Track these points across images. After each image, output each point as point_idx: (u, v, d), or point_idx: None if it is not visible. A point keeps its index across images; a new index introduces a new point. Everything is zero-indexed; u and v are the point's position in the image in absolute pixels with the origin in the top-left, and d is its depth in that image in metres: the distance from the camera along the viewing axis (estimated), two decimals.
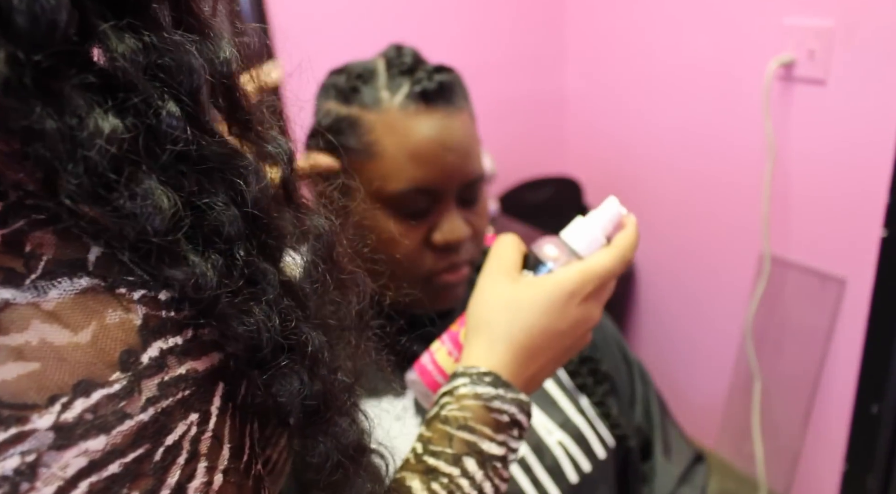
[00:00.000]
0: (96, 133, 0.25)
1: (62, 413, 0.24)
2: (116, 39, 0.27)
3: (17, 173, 0.26)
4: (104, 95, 0.26)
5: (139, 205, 0.26)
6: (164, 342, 0.27)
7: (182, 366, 0.27)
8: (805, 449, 1.56)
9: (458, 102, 0.64)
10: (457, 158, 0.62)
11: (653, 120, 1.76)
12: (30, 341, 0.24)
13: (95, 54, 0.27)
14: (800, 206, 1.45)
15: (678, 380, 1.88)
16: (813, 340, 1.48)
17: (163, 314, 0.27)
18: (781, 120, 1.42)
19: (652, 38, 1.70)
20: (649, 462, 0.80)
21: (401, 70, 0.63)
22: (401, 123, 0.61)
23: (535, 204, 1.97)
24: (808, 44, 1.33)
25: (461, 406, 0.45)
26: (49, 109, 0.24)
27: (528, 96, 1.96)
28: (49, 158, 0.25)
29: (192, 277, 0.28)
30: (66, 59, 0.25)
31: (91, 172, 0.25)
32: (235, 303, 0.29)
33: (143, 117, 0.27)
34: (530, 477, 0.67)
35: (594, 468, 0.71)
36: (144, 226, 0.26)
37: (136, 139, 0.27)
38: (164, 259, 0.28)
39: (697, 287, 1.77)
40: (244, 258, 0.30)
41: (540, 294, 0.48)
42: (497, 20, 1.85)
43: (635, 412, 0.81)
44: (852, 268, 1.37)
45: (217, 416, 0.28)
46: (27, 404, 0.23)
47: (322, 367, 0.33)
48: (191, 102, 0.29)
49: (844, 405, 1.41)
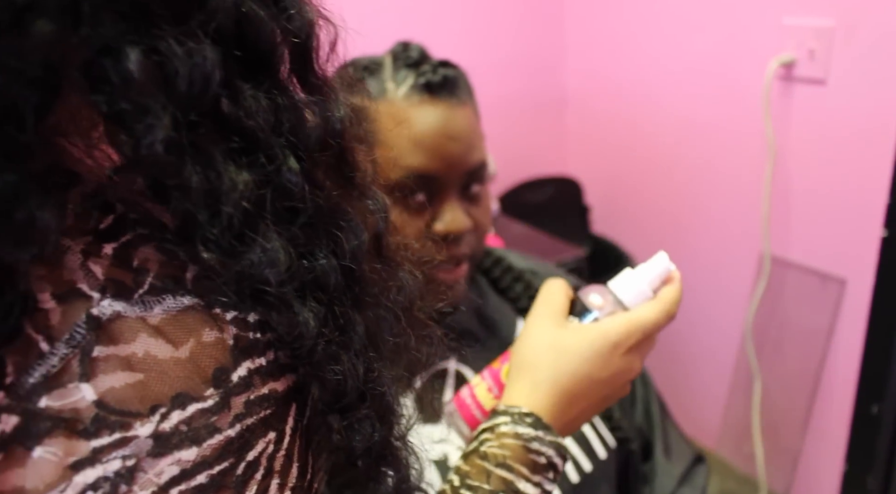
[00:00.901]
0: (233, 187, 0.27)
1: (161, 423, 0.25)
2: (253, 99, 0.28)
3: (129, 193, 0.27)
4: (237, 150, 0.28)
5: (264, 257, 0.28)
6: (252, 362, 0.28)
7: (265, 386, 0.29)
8: (805, 449, 1.56)
9: (461, 95, 0.64)
10: (459, 148, 0.62)
11: (653, 120, 1.75)
12: (136, 352, 0.25)
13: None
14: (800, 206, 1.45)
15: (678, 380, 1.88)
16: (813, 340, 1.48)
17: (251, 336, 0.29)
18: (781, 120, 1.42)
19: (652, 37, 1.70)
20: (650, 463, 0.80)
21: (406, 63, 0.64)
22: (404, 113, 0.62)
23: (535, 204, 1.97)
24: (808, 44, 1.33)
25: (501, 444, 0.45)
26: (197, 166, 0.26)
27: (528, 96, 1.96)
28: (191, 211, 0.26)
29: (297, 326, 0.29)
30: (208, 116, 0.27)
31: (229, 225, 0.27)
32: (329, 351, 0.31)
33: (267, 173, 0.28)
34: None
35: (595, 467, 0.71)
36: (265, 277, 0.28)
37: (262, 194, 0.28)
38: (273, 306, 0.29)
39: (697, 287, 1.77)
40: (339, 309, 0.31)
41: (585, 342, 0.49)
42: (497, 20, 1.85)
43: (635, 412, 0.81)
44: (852, 268, 1.37)
45: (290, 436, 0.30)
46: (131, 411, 0.25)
47: (392, 415, 0.35)
48: (307, 158, 0.30)
49: (845, 405, 1.41)
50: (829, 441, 1.49)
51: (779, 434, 1.60)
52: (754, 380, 1.60)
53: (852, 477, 1.37)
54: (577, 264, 1.57)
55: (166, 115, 0.24)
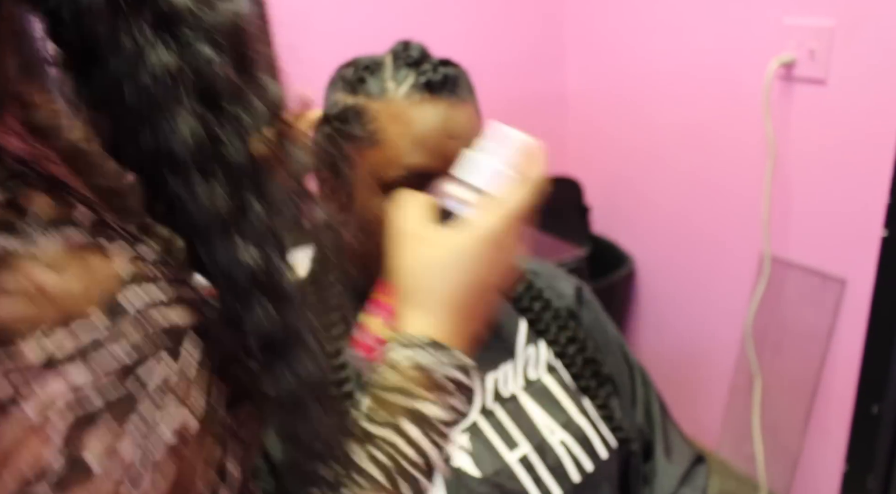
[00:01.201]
0: (158, 60, 0.30)
1: (48, 345, 0.26)
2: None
3: (18, 144, 0.30)
4: (161, 26, 0.31)
5: (175, 133, 0.31)
6: (148, 294, 0.30)
7: (163, 318, 0.30)
8: (805, 450, 1.56)
9: (462, 94, 0.64)
10: (460, 146, 0.62)
11: (653, 120, 1.75)
12: (23, 282, 0.26)
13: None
14: (800, 206, 1.45)
15: (679, 380, 1.88)
16: (813, 340, 1.48)
17: (149, 271, 0.31)
18: (782, 120, 1.42)
19: (652, 37, 1.70)
20: (650, 463, 0.80)
21: (407, 63, 0.64)
22: (405, 111, 0.62)
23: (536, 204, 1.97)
24: (808, 43, 1.33)
25: (398, 371, 0.45)
26: (129, 32, 0.30)
27: (528, 96, 1.96)
28: (116, 80, 0.30)
29: (200, 202, 0.32)
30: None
31: (148, 95, 0.30)
32: (225, 232, 0.33)
33: (186, 54, 0.31)
34: (533, 476, 0.67)
35: (596, 467, 0.71)
36: (174, 150, 0.31)
37: (180, 71, 0.31)
38: (180, 182, 0.32)
39: (698, 287, 1.77)
40: (239, 192, 0.33)
41: (463, 251, 0.47)
42: (497, 20, 1.85)
43: (636, 413, 0.81)
44: (853, 268, 1.37)
45: (191, 366, 0.31)
46: (16, 332, 0.26)
47: (290, 305, 0.36)
48: (217, 45, 0.33)
49: (845, 405, 1.41)
50: (830, 442, 1.49)
51: (779, 434, 1.60)
52: (754, 380, 1.60)
53: (852, 477, 1.37)
54: (577, 264, 1.57)
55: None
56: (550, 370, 0.75)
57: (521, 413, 0.71)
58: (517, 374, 0.74)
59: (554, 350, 0.76)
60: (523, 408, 0.72)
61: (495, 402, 0.71)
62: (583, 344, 0.78)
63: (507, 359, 0.74)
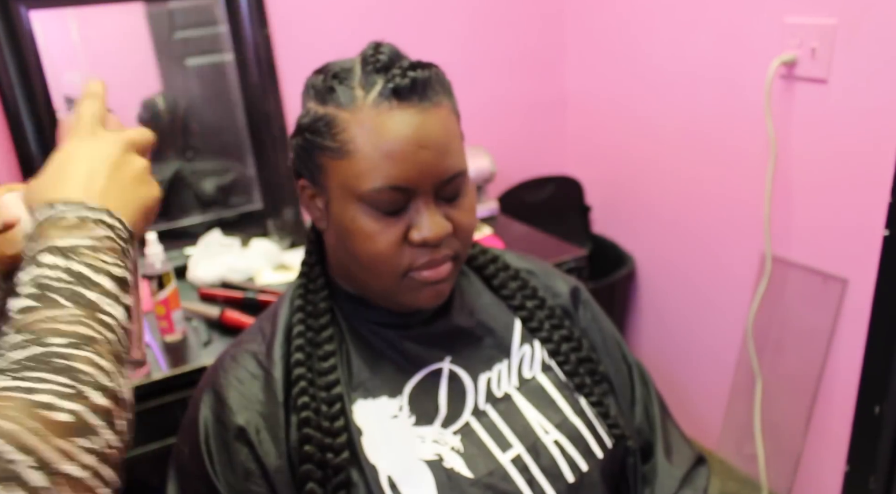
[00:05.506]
0: None
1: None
2: None
3: None
4: None
5: None
6: None
7: None
8: (807, 450, 1.56)
9: (434, 97, 0.62)
10: (431, 155, 0.61)
11: (653, 119, 1.75)
12: None
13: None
14: (801, 205, 1.44)
15: (679, 380, 1.88)
16: (815, 340, 1.48)
17: None
18: (783, 119, 1.42)
19: (652, 37, 1.69)
20: (650, 464, 0.79)
21: (376, 68, 0.62)
22: (373, 121, 0.61)
23: (535, 204, 1.97)
24: (809, 42, 1.32)
25: (34, 236, 0.45)
26: None
27: (528, 96, 1.96)
28: None
29: None
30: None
31: None
32: None
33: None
34: (526, 477, 0.67)
35: (591, 468, 0.70)
36: None
37: None
38: None
39: (699, 287, 1.77)
40: None
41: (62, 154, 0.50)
42: (497, 20, 1.85)
43: (635, 413, 0.81)
44: (854, 268, 1.37)
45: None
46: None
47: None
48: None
49: (846, 405, 1.40)
50: (831, 442, 1.49)
51: (780, 434, 1.60)
52: (755, 380, 1.60)
53: (854, 478, 1.36)
54: (577, 264, 1.57)
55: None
56: (545, 370, 0.75)
57: (515, 413, 0.71)
58: (511, 373, 0.73)
59: (548, 349, 0.76)
60: (517, 407, 0.71)
61: (487, 402, 0.71)
62: (578, 343, 0.77)
63: (502, 359, 0.74)
